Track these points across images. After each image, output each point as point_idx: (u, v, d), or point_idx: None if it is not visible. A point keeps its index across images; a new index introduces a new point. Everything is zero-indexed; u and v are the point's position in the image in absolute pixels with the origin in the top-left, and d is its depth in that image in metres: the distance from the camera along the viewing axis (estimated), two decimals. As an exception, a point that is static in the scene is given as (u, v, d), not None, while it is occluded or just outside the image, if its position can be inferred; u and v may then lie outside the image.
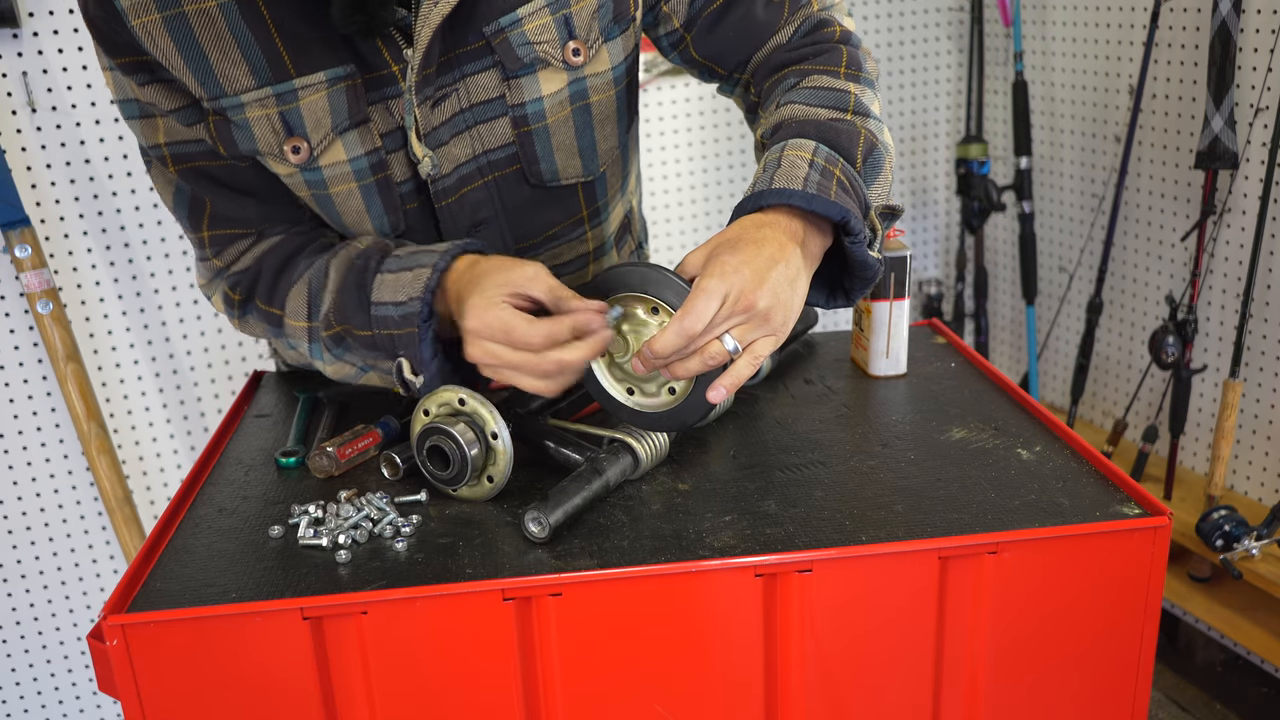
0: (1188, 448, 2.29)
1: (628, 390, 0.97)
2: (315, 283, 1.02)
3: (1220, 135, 1.99)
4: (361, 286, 0.98)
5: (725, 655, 0.85)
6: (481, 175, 1.07)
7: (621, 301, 0.92)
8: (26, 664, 2.29)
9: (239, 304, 1.08)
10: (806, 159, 0.92)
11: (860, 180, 0.95)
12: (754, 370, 0.88)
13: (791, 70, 1.05)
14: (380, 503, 0.93)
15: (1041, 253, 2.67)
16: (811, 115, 0.98)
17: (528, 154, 1.07)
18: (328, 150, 1.01)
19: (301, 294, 1.03)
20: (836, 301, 1.00)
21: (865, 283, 0.96)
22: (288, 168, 1.02)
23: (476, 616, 0.82)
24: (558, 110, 1.06)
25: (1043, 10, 2.54)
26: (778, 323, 0.87)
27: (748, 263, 0.86)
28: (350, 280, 0.99)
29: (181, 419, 2.30)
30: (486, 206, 1.09)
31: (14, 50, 2.00)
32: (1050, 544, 0.86)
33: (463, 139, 1.05)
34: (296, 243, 1.07)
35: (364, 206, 1.05)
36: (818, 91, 1.00)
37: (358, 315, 0.97)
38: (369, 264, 0.98)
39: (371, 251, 1.00)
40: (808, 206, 0.89)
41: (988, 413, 1.08)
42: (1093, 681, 0.90)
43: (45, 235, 2.10)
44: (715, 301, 0.84)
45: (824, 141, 0.94)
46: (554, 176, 1.10)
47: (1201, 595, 2.20)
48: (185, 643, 0.80)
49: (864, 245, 0.92)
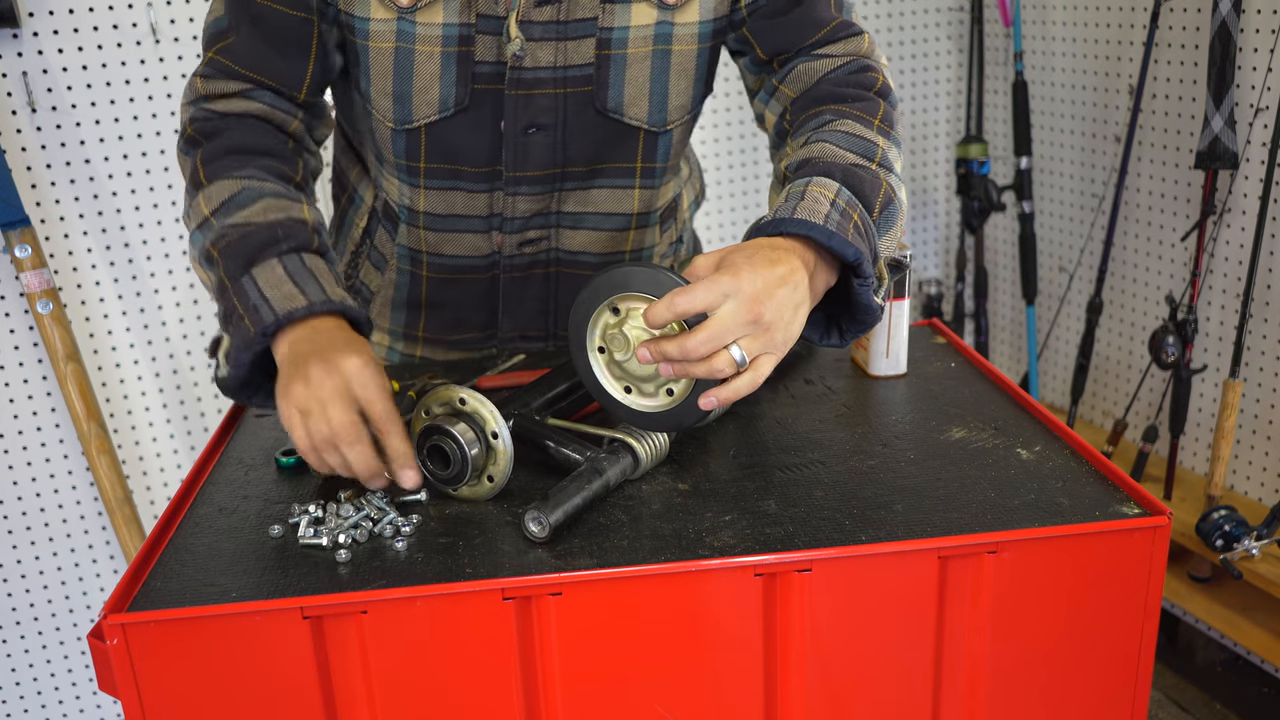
0: (1188, 448, 2.29)
1: (625, 389, 0.97)
2: (243, 197, 1.02)
3: (1220, 135, 1.99)
4: (259, 249, 0.98)
5: (725, 655, 0.85)
6: (556, 85, 1.12)
7: (623, 301, 0.93)
8: (26, 664, 2.29)
9: (188, 141, 1.08)
10: (830, 198, 0.94)
11: (874, 229, 0.96)
12: (753, 388, 0.89)
13: (829, 109, 1.08)
14: (380, 502, 0.93)
15: (1041, 253, 2.67)
16: (839, 158, 1.00)
17: (601, 78, 1.13)
18: (429, 7, 1.06)
19: (225, 191, 1.03)
20: (830, 340, 1.02)
21: (863, 326, 0.99)
22: (389, 11, 1.06)
23: (476, 616, 0.82)
24: (640, 45, 1.12)
25: (1043, 10, 2.54)
26: (779, 341, 0.88)
27: (759, 273, 0.87)
28: (259, 234, 0.99)
29: (181, 419, 2.30)
30: (549, 115, 1.14)
31: (14, 50, 2.00)
32: (1050, 544, 0.86)
33: (550, 45, 1.10)
34: (267, 136, 1.08)
35: (439, 71, 1.10)
36: (849, 137, 1.03)
37: (232, 263, 0.98)
38: (280, 240, 0.99)
39: (294, 232, 1.00)
40: (826, 242, 0.91)
41: (988, 413, 1.09)
42: (1093, 681, 0.90)
43: (45, 235, 2.10)
44: (716, 292, 0.85)
45: (847, 185, 0.96)
46: (619, 108, 1.15)
47: (1201, 595, 2.20)
48: (185, 642, 0.80)
49: (870, 290, 0.94)
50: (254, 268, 0.97)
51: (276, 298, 0.94)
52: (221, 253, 0.99)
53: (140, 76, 2.08)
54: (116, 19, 2.04)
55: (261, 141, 1.08)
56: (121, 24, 2.05)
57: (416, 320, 1.32)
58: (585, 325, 0.95)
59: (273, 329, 0.93)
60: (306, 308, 0.94)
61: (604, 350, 0.96)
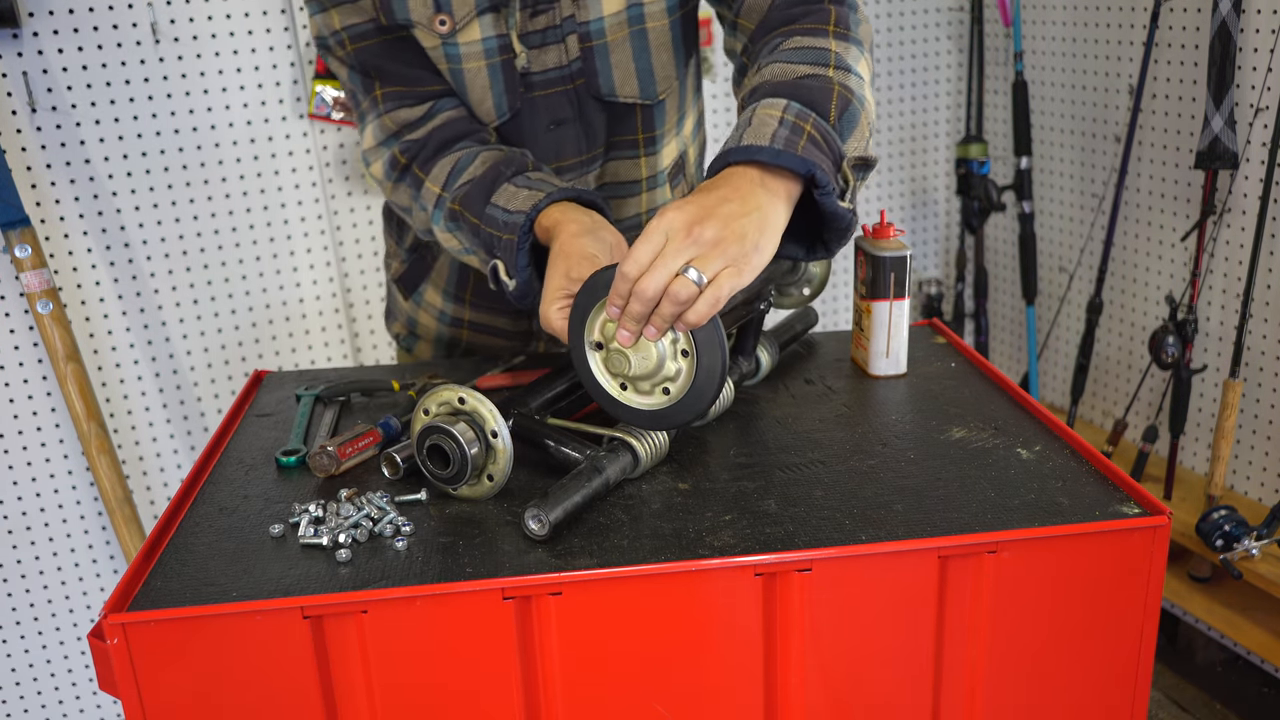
0: (1188, 448, 2.29)
1: (621, 386, 0.97)
2: (462, 162, 1.16)
3: (1220, 135, 1.99)
4: (491, 184, 1.11)
5: (725, 654, 0.85)
6: (564, 83, 1.21)
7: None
8: (26, 664, 2.29)
9: (401, 168, 1.21)
10: (777, 116, 0.95)
11: (834, 134, 0.96)
12: (714, 306, 0.87)
13: (779, 32, 1.09)
14: (380, 502, 0.93)
15: (1041, 253, 2.67)
16: (788, 74, 1.01)
17: (589, 68, 1.21)
18: (467, 28, 1.16)
19: (447, 167, 1.17)
20: (816, 254, 1.02)
21: (841, 234, 0.98)
22: (433, 39, 1.17)
23: (476, 615, 0.82)
24: (616, 30, 1.19)
25: (1043, 10, 2.54)
26: (734, 253, 0.87)
27: (692, 202, 0.88)
28: (486, 175, 1.12)
29: (181, 419, 2.30)
30: (565, 110, 1.23)
31: (14, 50, 2.00)
32: (1050, 543, 0.86)
33: (552, 48, 1.19)
34: (464, 126, 1.20)
35: (488, 84, 1.19)
36: (799, 51, 1.04)
37: (476, 204, 1.11)
38: (504, 171, 1.12)
39: (514, 161, 1.13)
40: (774, 161, 0.91)
41: (988, 413, 1.09)
42: (1093, 681, 0.90)
43: (45, 235, 2.10)
44: (653, 242, 0.86)
45: (796, 99, 0.97)
46: (612, 92, 1.23)
47: (1201, 595, 2.20)
48: (186, 641, 0.80)
49: (833, 197, 0.94)
50: (492, 197, 1.10)
51: (520, 204, 1.07)
52: (461, 204, 1.12)
53: (140, 76, 2.08)
54: (116, 19, 2.04)
55: (461, 130, 1.19)
56: (121, 24, 2.05)
57: (465, 284, 1.39)
58: (582, 324, 0.95)
59: (527, 225, 1.05)
60: (547, 198, 1.06)
61: (601, 347, 0.96)
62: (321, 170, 2.27)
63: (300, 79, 2.19)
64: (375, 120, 1.21)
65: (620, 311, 0.90)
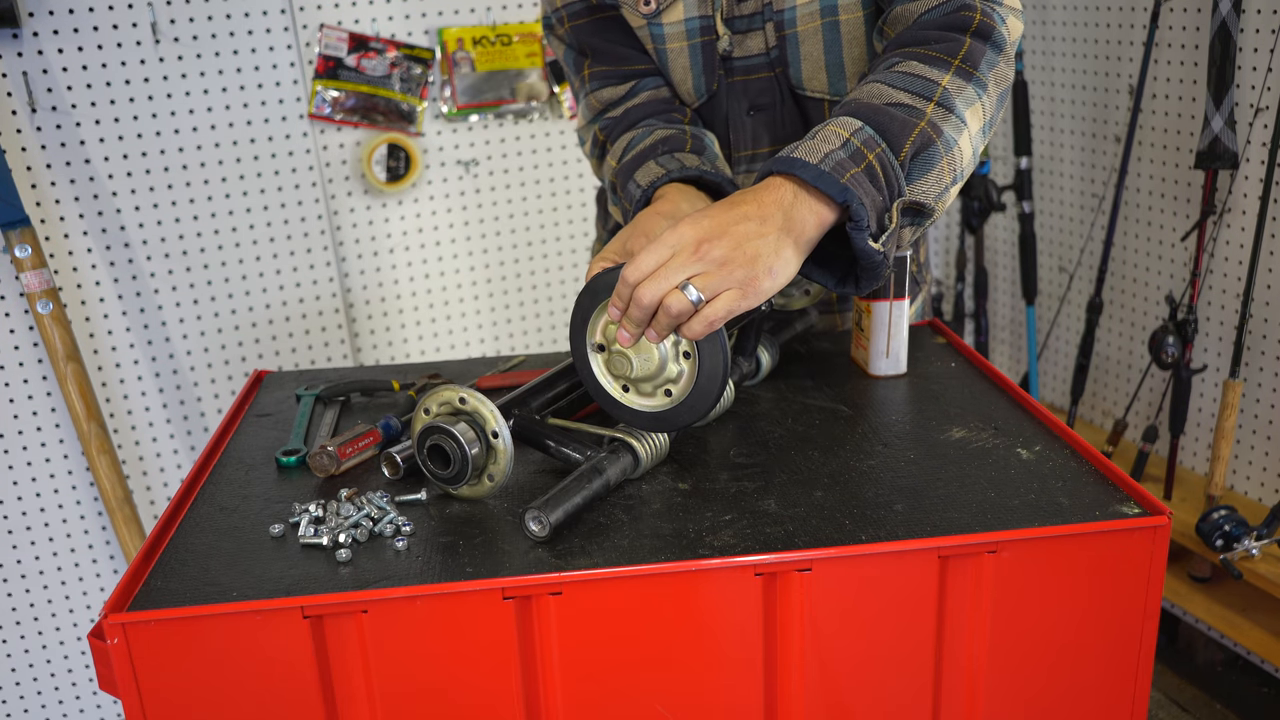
0: (1188, 448, 2.29)
1: (623, 388, 0.97)
2: (636, 139, 1.21)
3: (1220, 135, 1.99)
4: (641, 159, 1.17)
5: (725, 654, 0.85)
6: (766, 69, 1.23)
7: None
8: (26, 664, 2.29)
9: (600, 144, 1.27)
10: (844, 137, 0.91)
11: (898, 171, 0.92)
12: (708, 326, 0.86)
13: (902, 50, 1.02)
14: (381, 501, 0.93)
15: (1041, 253, 2.67)
16: (881, 96, 0.95)
17: (781, 58, 1.22)
18: (670, 8, 1.20)
19: (624, 142, 1.23)
20: (845, 287, 0.98)
21: (870, 274, 0.94)
22: (639, 19, 1.22)
23: (476, 615, 0.82)
24: (808, 20, 1.18)
25: (1043, 10, 2.54)
26: (741, 276, 0.86)
27: (710, 216, 0.87)
28: (643, 151, 1.18)
29: (181, 419, 2.30)
30: (765, 95, 1.24)
31: (14, 50, 2.00)
32: (1050, 543, 0.86)
33: (756, 34, 1.21)
34: (658, 105, 1.25)
35: (689, 64, 1.23)
36: (905, 76, 0.97)
37: (624, 179, 1.18)
38: (658, 149, 1.17)
39: (672, 140, 1.18)
40: (814, 182, 0.88)
41: (988, 413, 1.09)
42: (1092, 681, 0.90)
43: (45, 235, 2.10)
44: (659, 253, 0.86)
45: (872, 124, 0.92)
46: (800, 84, 1.23)
47: (1201, 595, 2.20)
48: (186, 641, 0.80)
49: (865, 234, 0.89)
50: (635, 173, 1.16)
51: (647, 179, 1.13)
52: (617, 176, 1.20)
53: (140, 76, 2.08)
54: (116, 19, 2.04)
55: (653, 109, 1.24)
56: (121, 24, 2.05)
57: None
58: (584, 325, 0.95)
59: (643, 201, 1.11)
60: (667, 175, 1.12)
61: (603, 349, 0.96)
62: (322, 170, 2.27)
63: (300, 79, 2.19)
64: (584, 100, 1.29)
65: (621, 314, 0.90)
